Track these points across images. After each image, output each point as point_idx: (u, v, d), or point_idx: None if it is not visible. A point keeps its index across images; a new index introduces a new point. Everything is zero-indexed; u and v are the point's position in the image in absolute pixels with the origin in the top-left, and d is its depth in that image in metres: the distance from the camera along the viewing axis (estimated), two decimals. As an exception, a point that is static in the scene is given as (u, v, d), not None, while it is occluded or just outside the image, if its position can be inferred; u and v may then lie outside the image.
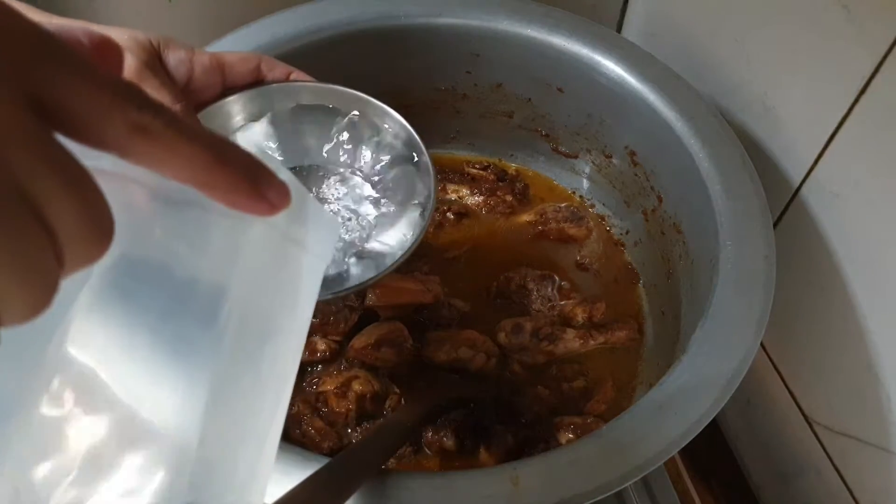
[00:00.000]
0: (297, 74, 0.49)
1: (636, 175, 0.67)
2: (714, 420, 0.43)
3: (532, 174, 0.76)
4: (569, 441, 0.56)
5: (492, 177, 0.74)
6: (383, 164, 0.51)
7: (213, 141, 0.22)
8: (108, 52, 0.35)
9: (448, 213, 0.71)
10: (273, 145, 0.51)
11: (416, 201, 0.48)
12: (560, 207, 0.72)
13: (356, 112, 0.50)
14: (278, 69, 0.48)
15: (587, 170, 0.72)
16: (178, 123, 0.21)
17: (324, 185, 0.51)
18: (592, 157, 0.71)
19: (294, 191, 0.25)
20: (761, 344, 0.47)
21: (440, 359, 0.59)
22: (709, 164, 0.55)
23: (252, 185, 0.23)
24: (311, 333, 0.61)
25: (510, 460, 0.42)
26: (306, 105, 0.49)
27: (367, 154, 0.51)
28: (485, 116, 0.73)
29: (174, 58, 0.44)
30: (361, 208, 0.50)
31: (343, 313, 0.61)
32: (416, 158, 0.49)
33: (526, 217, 0.72)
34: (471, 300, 0.64)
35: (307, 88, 0.49)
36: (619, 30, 0.79)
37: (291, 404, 0.58)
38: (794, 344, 0.63)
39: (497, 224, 0.71)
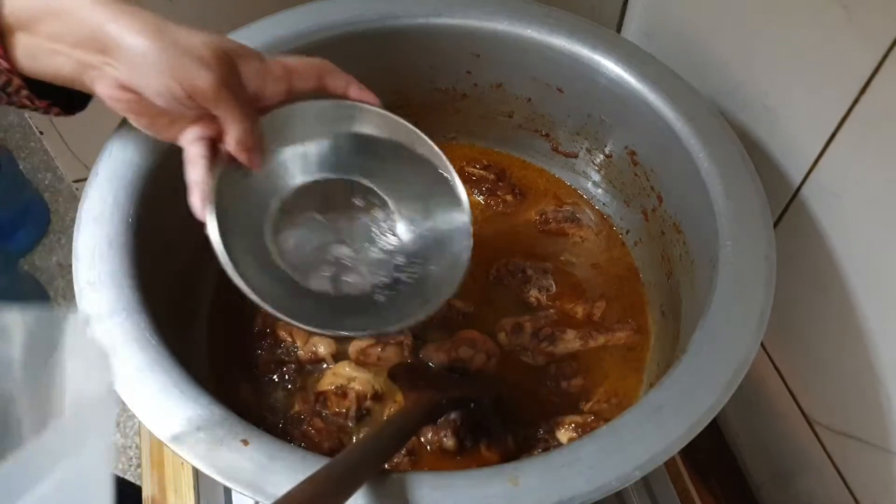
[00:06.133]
0: (355, 90, 0.49)
1: (636, 175, 0.67)
2: (714, 420, 0.43)
3: (532, 174, 0.76)
4: (569, 440, 0.56)
5: (492, 177, 0.74)
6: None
7: None
8: None
9: (448, 213, 0.71)
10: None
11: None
12: (560, 207, 0.72)
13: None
14: (338, 78, 0.48)
15: (587, 170, 0.72)
16: None
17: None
18: (592, 157, 0.71)
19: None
20: (761, 344, 0.47)
21: (440, 359, 0.59)
22: (709, 163, 0.55)
23: None
24: (311, 333, 0.61)
25: (510, 460, 0.42)
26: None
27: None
28: (485, 116, 0.73)
29: (249, 69, 0.44)
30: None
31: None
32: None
33: (526, 217, 0.72)
34: (471, 300, 0.64)
35: (370, 114, 0.50)
36: (619, 30, 0.79)
37: (291, 404, 0.58)
38: (795, 344, 0.63)
39: (497, 224, 0.71)
